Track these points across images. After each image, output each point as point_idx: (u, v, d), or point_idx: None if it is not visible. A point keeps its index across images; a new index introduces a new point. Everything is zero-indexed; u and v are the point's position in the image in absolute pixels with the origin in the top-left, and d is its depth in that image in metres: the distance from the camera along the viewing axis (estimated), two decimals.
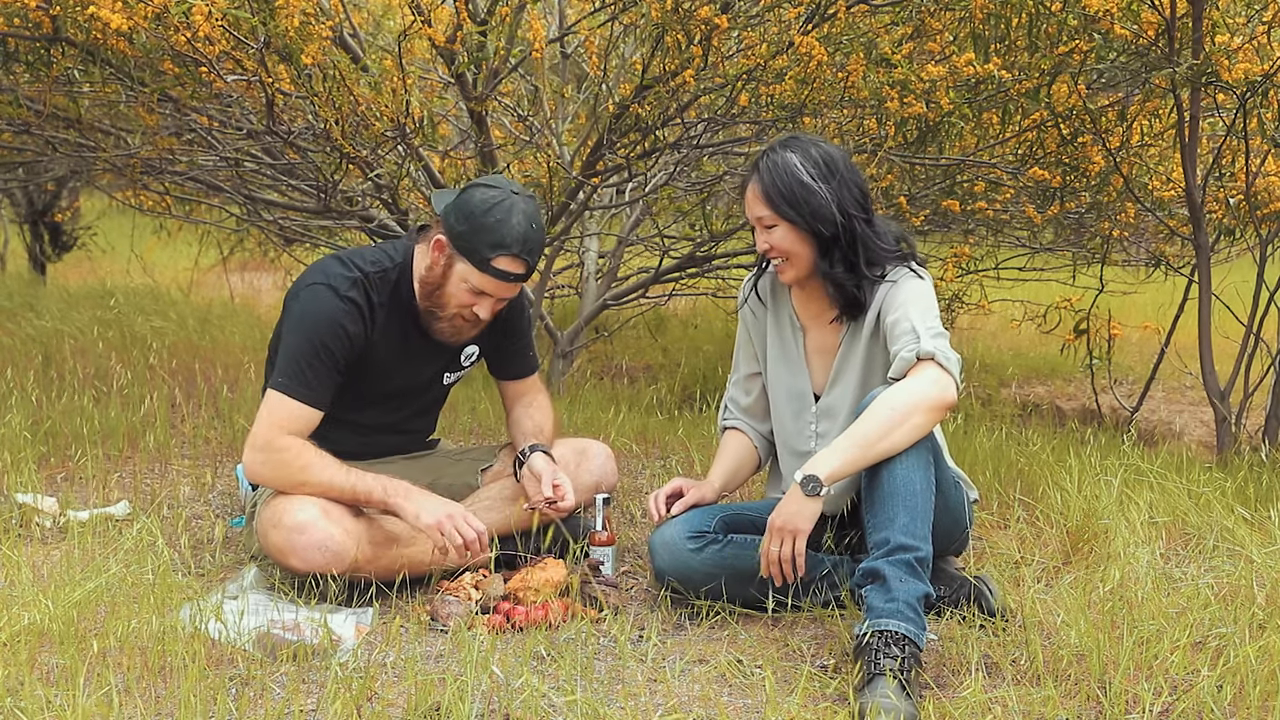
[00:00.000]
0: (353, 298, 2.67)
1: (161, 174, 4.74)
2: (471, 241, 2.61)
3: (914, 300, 2.46)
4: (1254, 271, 4.31)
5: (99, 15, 3.16)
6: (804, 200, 2.47)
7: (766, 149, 2.55)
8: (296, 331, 2.67)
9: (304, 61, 3.32)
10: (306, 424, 2.65)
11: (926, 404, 2.32)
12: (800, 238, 2.51)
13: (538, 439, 2.85)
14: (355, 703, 2.07)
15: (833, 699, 2.19)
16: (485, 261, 2.61)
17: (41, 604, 2.37)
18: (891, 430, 2.32)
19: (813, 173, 2.48)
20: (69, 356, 4.89)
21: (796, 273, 2.57)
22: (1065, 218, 4.81)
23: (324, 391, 2.66)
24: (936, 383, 2.34)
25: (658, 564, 2.62)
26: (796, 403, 2.69)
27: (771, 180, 2.49)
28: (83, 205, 8.99)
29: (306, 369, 2.64)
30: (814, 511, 2.35)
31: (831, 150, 2.53)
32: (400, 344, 2.78)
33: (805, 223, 2.48)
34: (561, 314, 6.55)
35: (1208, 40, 3.70)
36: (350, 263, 2.74)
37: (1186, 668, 2.21)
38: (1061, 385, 6.33)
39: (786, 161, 2.49)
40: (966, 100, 3.84)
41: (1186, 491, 3.26)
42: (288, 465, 2.62)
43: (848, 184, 2.51)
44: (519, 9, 3.98)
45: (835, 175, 2.49)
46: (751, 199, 2.54)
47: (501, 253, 2.61)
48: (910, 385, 2.34)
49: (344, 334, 2.66)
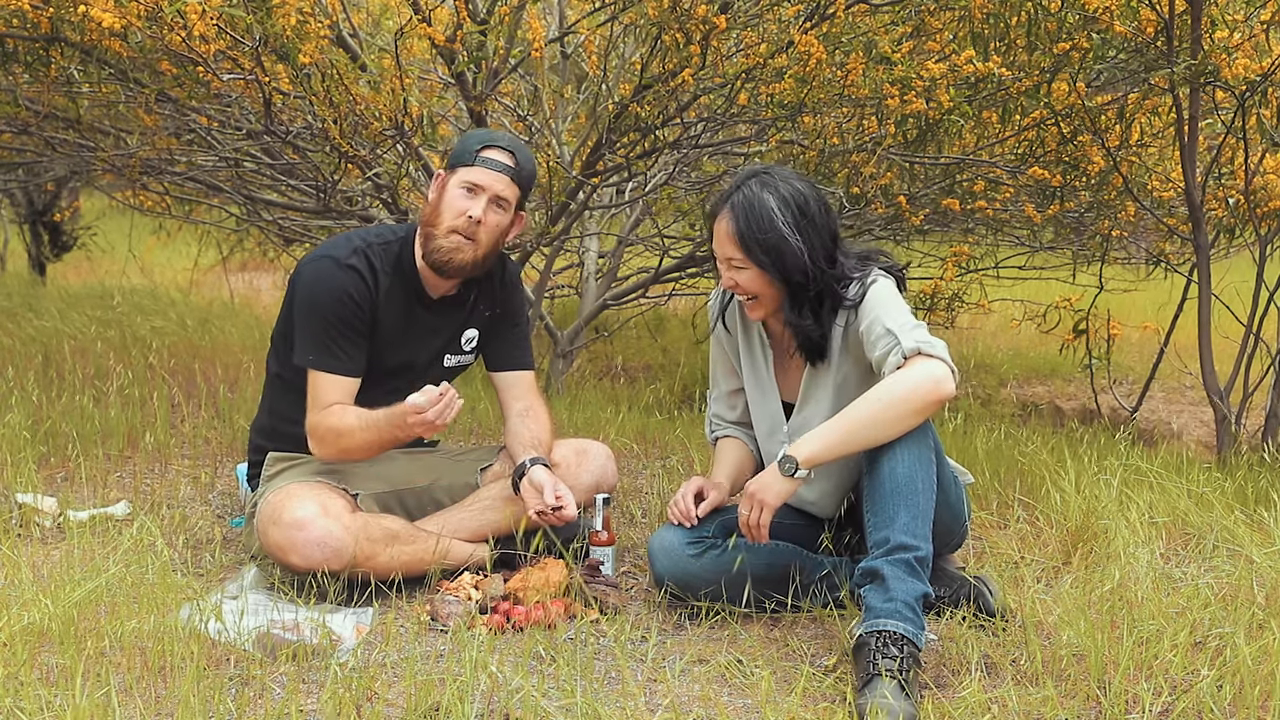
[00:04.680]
0: (353, 264, 2.74)
1: (161, 174, 4.74)
2: (461, 149, 2.78)
3: (879, 304, 2.42)
4: (1253, 270, 4.31)
5: (91, 14, 3.15)
6: (777, 248, 2.43)
7: (739, 183, 2.49)
8: (307, 306, 2.73)
9: (302, 61, 3.31)
10: (346, 393, 2.74)
11: (919, 395, 2.29)
12: (769, 282, 2.47)
13: (536, 450, 2.85)
14: (355, 703, 2.07)
15: (832, 699, 2.19)
16: (473, 154, 2.76)
17: (41, 604, 2.37)
18: (878, 420, 2.30)
19: (788, 219, 2.43)
20: (69, 356, 4.89)
21: (764, 312, 2.55)
22: (1065, 217, 4.81)
23: (351, 358, 2.74)
24: (930, 375, 2.30)
25: (657, 569, 2.61)
26: (768, 422, 2.68)
27: (746, 224, 2.43)
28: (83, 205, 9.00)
29: (329, 341, 2.71)
30: (787, 489, 2.37)
31: (804, 190, 2.47)
32: (403, 313, 2.82)
33: (776, 271, 2.45)
34: (561, 314, 6.55)
35: (1207, 38, 3.70)
36: (354, 236, 2.84)
37: (1186, 667, 2.21)
38: (1061, 385, 6.33)
39: (763, 204, 2.43)
40: (966, 99, 3.84)
41: (1186, 491, 3.26)
42: (329, 442, 2.72)
43: (819, 230, 2.46)
44: (519, 8, 3.98)
45: (808, 221, 2.45)
46: (724, 237, 2.48)
47: (488, 144, 2.77)
48: (903, 376, 2.31)
49: (351, 300, 2.72)
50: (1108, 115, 4.13)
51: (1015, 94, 3.90)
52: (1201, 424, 5.31)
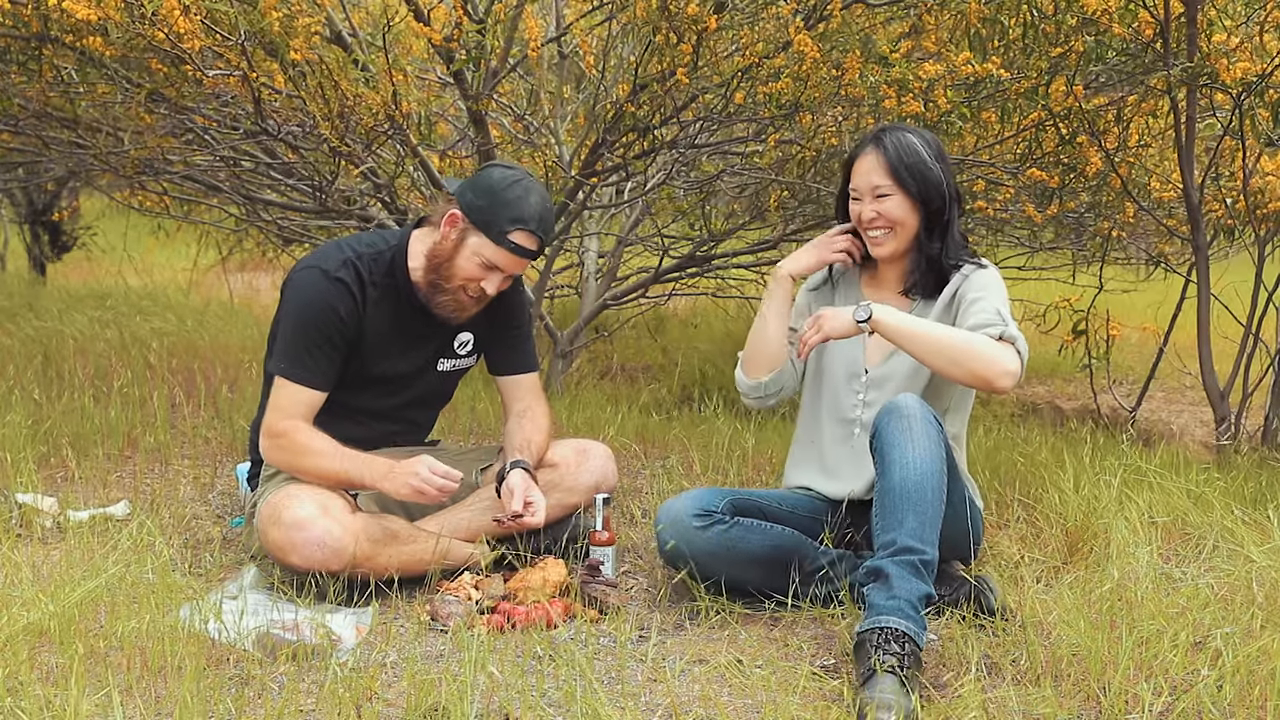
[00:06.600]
0: (341, 277, 2.73)
1: (159, 174, 4.74)
2: (490, 215, 2.68)
3: (995, 289, 2.64)
4: (1252, 271, 4.31)
5: (64, 5, 3.11)
6: (922, 174, 2.66)
7: (882, 129, 2.73)
8: (290, 315, 2.73)
9: (292, 57, 3.30)
10: (309, 406, 2.72)
11: (987, 363, 2.47)
12: (912, 208, 2.68)
13: (524, 453, 2.85)
14: (355, 702, 2.07)
15: (832, 698, 2.19)
16: (503, 235, 2.67)
17: (41, 604, 2.37)
18: (946, 347, 2.50)
19: (931, 153, 2.68)
20: (69, 356, 4.89)
21: (896, 245, 2.71)
22: (1065, 217, 4.81)
23: (322, 373, 2.72)
24: (1008, 362, 2.49)
25: (661, 538, 2.62)
26: (848, 370, 2.77)
27: (896, 153, 2.66)
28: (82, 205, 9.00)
29: (303, 352, 2.70)
30: (846, 329, 2.55)
31: (935, 138, 2.73)
32: (392, 322, 2.81)
33: (919, 195, 2.66)
34: (561, 314, 6.55)
35: (1203, 40, 3.70)
36: (345, 245, 2.81)
37: (1186, 667, 2.21)
38: (1061, 385, 6.33)
39: (908, 140, 2.67)
40: (965, 100, 3.84)
41: (1186, 491, 3.26)
42: (288, 450, 2.70)
43: (949, 169, 2.72)
44: (516, 8, 3.98)
45: (944, 160, 2.70)
46: (871, 168, 2.68)
47: (519, 227, 2.68)
48: (991, 343, 2.50)
49: (335, 315, 2.71)
50: (1106, 117, 4.13)
51: (1014, 95, 3.90)
52: (1201, 424, 5.31)
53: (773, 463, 3.70)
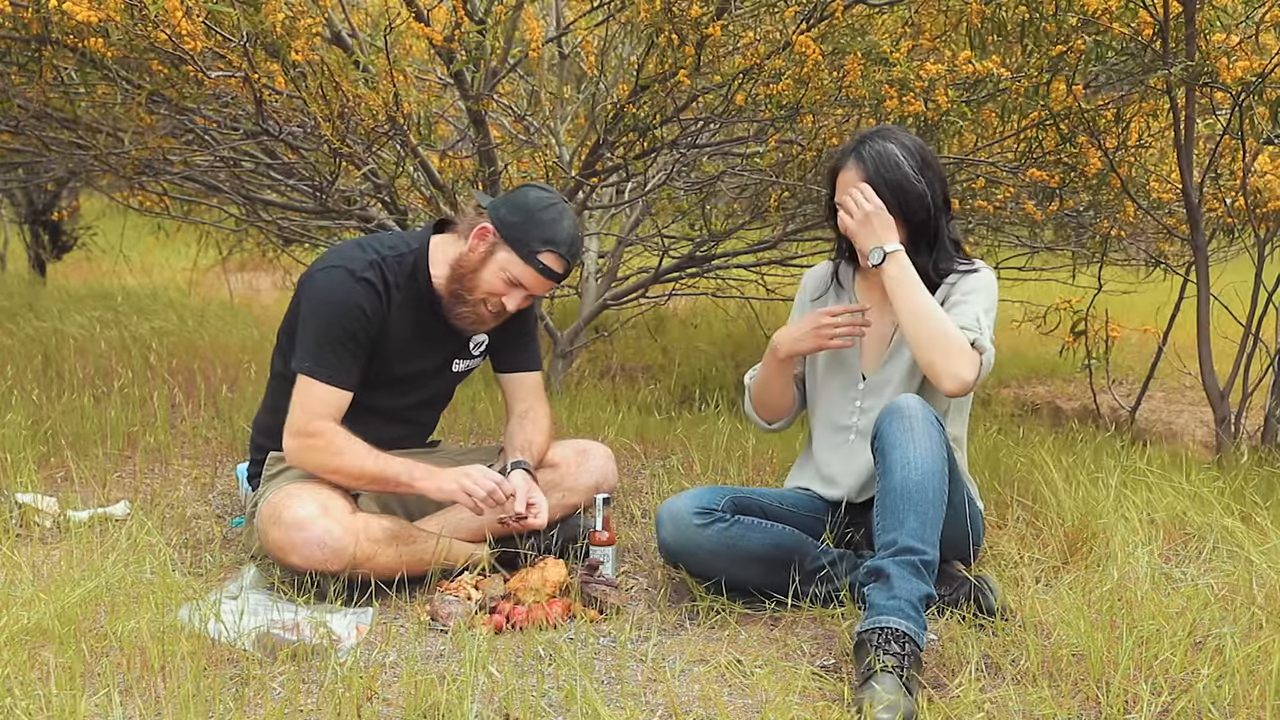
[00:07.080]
0: (368, 278, 2.72)
1: (159, 174, 4.74)
2: (522, 232, 2.69)
3: (983, 294, 2.62)
4: (1252, 271, 4.31)
5: (65, 7, 3.11)
6: (902, 188, 2.60)
7: (863, 137, 2.66)
8: (316, 315, 2.71)
9: (293, 58, 3.31)
10: (337, 406, 2.71)
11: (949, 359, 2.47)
12: (895, 222, 2.61)
13: (525, 454, 2.86)
14: (355, 702, 2.07)
15: (832, 698, 2.19)
16: (533, 254, 2.69)
17: (41, 604, 2.37)
18: (929, 330, 2.49)
19: (912, 164, 2.61)
20: (69, 356, 4.89)
21: None
22: (1065, 217, 4.81)
23: (350, 372, 2.72)
24: (969, 370, 2.48)
25: (662, 536, 2.62)
26: (844, 378, 2.77)
27: (875, 166, 2.60)
28: (82, 205, 9.00)
29: (330, 352, 2.69)
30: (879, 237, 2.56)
31: (921, 144, 2.67)
32: (415, 326, 2.81)
33: (899, 211, 2.60)
34: (561, 314, 6.55)
35: (1202, 40, 3.70)
36: (368, 246, 2.80)
37: (1185, 667, 2.21)
38: (1061, 385, 6.33)
39: (889, 152, 2.61)
40: (965, 100, 3.84)
41: (1185, 492, 3.26)
42: (321, 451, 2.68)
43: (937, 176, 2.66)
44: (516, 8, 3.98)
45: (928, 167, 2.63)
46: (850, 182, 2.63)
47: (550, 249, 2.69)
48: (963, 345, 2.49)
49: (362, 314, 2.71)
50: (1105, 117, 4.13)
51: (1015, 94, 3.90)
52: (1201, 424, 5.31)
53: (773, 463, 3.70)
